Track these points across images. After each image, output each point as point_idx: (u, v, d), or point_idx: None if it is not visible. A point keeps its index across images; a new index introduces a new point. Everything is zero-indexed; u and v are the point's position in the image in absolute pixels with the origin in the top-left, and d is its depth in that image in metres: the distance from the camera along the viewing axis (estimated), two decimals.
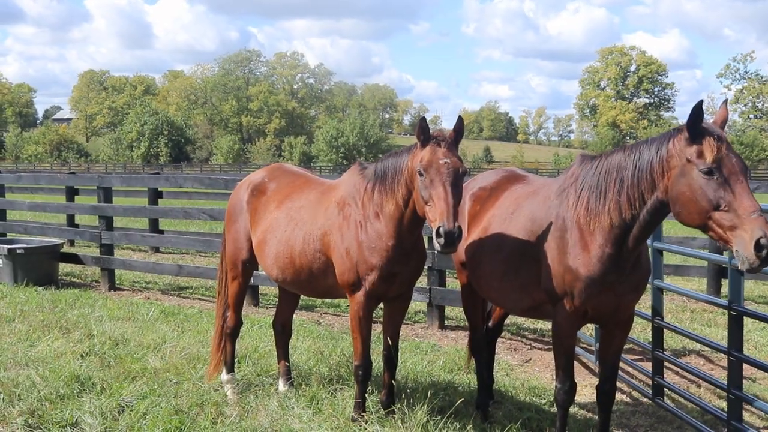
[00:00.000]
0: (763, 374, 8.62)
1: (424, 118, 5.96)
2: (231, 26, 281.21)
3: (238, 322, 8.01)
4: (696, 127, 4.95)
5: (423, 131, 5.91)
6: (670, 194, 5.10)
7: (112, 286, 14.63)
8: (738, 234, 4.68)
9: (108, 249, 14.87)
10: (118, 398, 7.32)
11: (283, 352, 8.06)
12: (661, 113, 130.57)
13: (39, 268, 14.54)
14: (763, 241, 4.54)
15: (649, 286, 7.94)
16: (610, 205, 5.44)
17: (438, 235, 5.42)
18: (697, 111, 4.93)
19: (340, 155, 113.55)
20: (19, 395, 7.43)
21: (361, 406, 6.86)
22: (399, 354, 7.25)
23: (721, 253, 9.84)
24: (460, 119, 6.01)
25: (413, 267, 6.66)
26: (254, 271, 11.22)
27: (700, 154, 4.88)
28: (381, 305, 6.96)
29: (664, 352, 8.07)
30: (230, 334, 7.99)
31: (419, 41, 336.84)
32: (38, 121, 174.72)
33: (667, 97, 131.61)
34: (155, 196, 21.01)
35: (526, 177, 6.87)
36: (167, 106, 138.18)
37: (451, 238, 5.42)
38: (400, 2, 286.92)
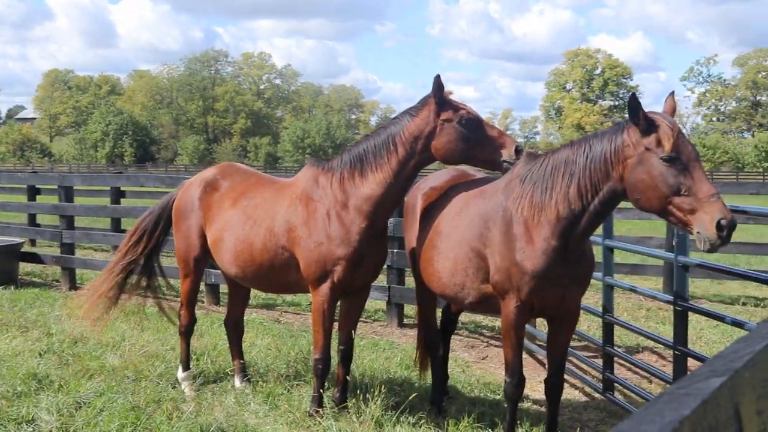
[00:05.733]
0: None
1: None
2: (195, 26, 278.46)
3: (192, 320, 8.07)
4: (645, 117, 5.17)
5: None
6: (627, 182, 5.28)
7: (73, 286, 14.58)
8: (698, 216, 4.91)
9: (69, 248, 14.84)
10: (75, 395, 7.34)
11: (237, 349, 8.12)
12: (626, 115, 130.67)
13: None
14: (723, 222, 4.79)
15: (600, 283, 8.13)
16: (558, 197, 5.57)
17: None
18: (635, 101, 5.24)
19: (306, 156, 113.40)
20: None
21: (317, 401, 6.94)
22: (355, 351, 7.35)
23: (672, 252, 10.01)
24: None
25: (380, 251, 6.88)
26: (216, 270, 11.34)
27: (659, 143, 5.10)
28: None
29: (616, 349, 8.25)
30: (184, 332, 8.05)
31: (385, 42, 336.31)
32: (1, 121, 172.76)
33: None
34: (118, 195, 20.88)
35: (475, 176, 7.02)
36: (132, 106, 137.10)
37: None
38: (365, 3, 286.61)
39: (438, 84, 6.30)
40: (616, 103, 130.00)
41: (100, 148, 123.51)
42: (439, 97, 6.30)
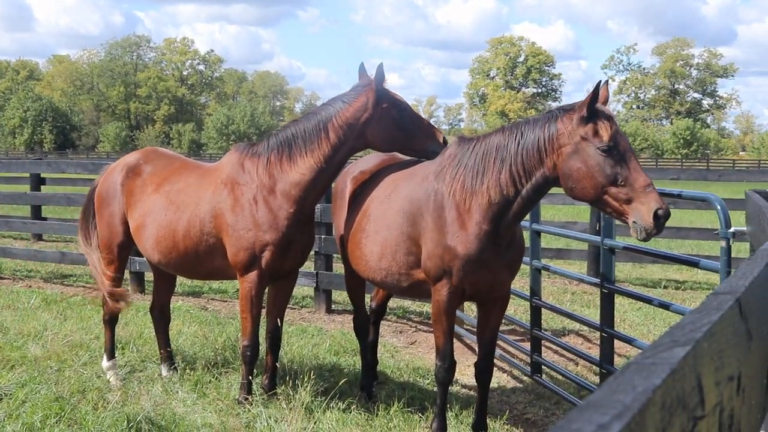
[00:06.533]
0: (637, 351, 8.95)
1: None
2: (116, 10, 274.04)
3: (116, 309, 7.93)
4: (593, 106, 5.18)
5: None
6: (560, 171, 5.31)
7: None
8: (635, 206, 5.01)
9: None
10: None
11: (163, 337, 7.99)
12: (549, 103, 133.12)
13: None
14: (660, 212, 4.91)
15: (528, 267, 8.19)
16: (489, 183, 5.59)
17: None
18: (597, 92, 5.19)
19: (230, 143, 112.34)
20: None
21: (247, 388, 6.87)
22: (283, 337, 7.30)
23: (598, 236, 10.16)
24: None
25: (308, 236, 6.85)
26: (141, 258, 11.17)
27: (596, 133, 5.14)
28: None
29: (544, 332, 8.34)
30: (108, 320, 7.90)
31: (309, 28, 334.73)
32: None
33: (554, 87, 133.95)
34: (38, 182, 20.42)
35: (405, 160, 7.00)
36: (52, 92, 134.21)
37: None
38: None
39: (380, 73, 6.33)
40: (539, 90, 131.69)
41: (18, 135, 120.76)
42: (380, 86, 6.30)
